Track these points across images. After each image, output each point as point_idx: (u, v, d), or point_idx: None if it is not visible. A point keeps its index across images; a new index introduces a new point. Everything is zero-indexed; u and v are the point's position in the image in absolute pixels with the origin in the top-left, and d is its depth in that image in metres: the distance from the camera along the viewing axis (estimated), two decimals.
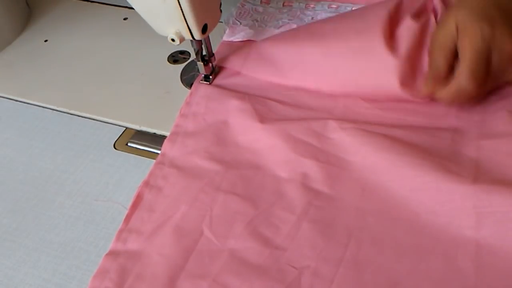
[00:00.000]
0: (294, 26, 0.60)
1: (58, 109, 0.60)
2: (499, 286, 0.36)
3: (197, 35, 0.49)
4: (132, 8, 0.50)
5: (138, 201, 0.45)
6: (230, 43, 0.60)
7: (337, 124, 0.47)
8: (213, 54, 0.55)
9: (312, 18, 0.61)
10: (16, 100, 0.62)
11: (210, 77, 0.56)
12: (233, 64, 0.56)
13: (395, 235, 0.40)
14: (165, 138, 0.51)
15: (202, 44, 0.53)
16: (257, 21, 0.63)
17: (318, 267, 0.39)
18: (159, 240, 0.42)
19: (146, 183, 0.47)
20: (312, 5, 0.63)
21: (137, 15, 0.50)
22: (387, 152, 0.44)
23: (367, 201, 0.42)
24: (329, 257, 0.39)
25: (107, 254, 0.42)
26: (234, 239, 0.41)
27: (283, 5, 0.64)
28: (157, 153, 0.51)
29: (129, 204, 0.45)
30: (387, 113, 0.49)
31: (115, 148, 0.54)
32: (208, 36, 0.52)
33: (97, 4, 0.77)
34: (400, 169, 0.43)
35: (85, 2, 0.78)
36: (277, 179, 0.45)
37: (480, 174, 0.41)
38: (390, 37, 0.48)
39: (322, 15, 0.62)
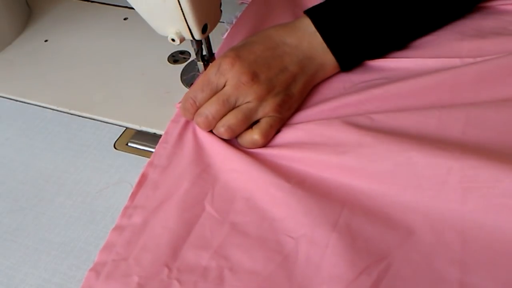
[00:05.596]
0: None
1: (58, 109, 0.60)
2: (484, 259, 0.37)
3: (197, 35, 0.49)
4: (132, 8, 0.50)
5: (143, 180, 0.46)
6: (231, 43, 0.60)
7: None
8: (213, 54, 0.55)
9: None
10: (16, 100, 0.62)
11: None
12: None
13: (382, 208, 0.41)
14: None
15: (202, 44, 0.53)
16: None
17: (313, 234, 0.40)
18: (162, 214, 0.43)
19: (151, 163, 0.47)
20: None
21: (137, 15, 0.50)
22: (374, 131, 0.44)
23: (355, 179, 0.43)
24: (324, 222, 0.40)
25: (113, 229, 0.43)
26: (234, 213, 0.43)
27: None
28: None
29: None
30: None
31: (115, 148, 0.54)
32: (208, 36, 0.52)
33: (97, 4, 0.77)
34: (385, 145, 0.43)
35: (85, 2, 0.78)
36: (274, 156, 0.46)
37: (466, 150, 0.41)
38: None
39: None
